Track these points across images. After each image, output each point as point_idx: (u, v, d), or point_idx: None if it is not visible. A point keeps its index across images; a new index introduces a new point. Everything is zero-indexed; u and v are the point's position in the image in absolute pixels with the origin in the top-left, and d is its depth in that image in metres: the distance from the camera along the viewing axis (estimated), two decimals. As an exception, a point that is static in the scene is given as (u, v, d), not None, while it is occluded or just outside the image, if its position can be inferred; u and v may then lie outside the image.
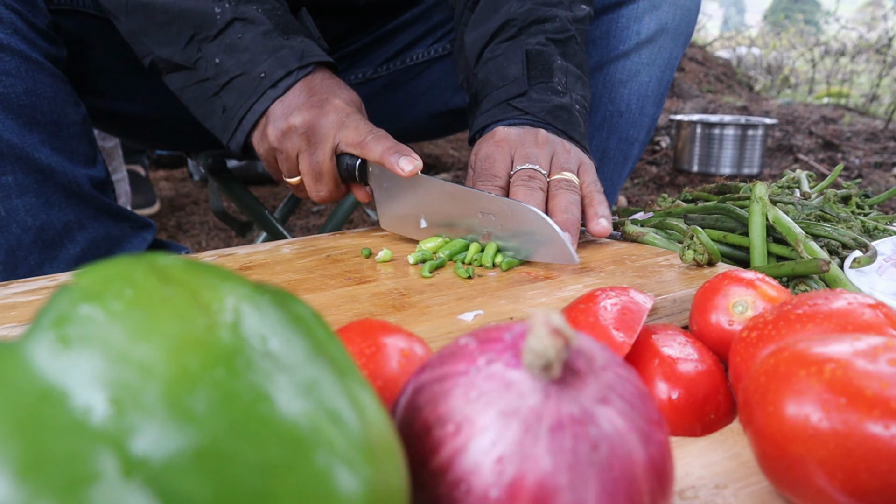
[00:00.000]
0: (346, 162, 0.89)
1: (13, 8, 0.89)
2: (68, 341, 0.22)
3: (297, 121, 0.87)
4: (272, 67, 0.89)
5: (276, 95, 0.89)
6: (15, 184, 0.91)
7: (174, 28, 0.91)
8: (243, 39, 0.89)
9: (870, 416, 0.31)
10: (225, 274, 0.26)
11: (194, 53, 0.91)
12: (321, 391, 0.24)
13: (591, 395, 0.28)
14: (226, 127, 0.92)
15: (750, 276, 0.51)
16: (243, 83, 0.89)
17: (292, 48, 0.90)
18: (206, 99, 0.92)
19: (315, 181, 0.90)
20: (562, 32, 0.98)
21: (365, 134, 0.86)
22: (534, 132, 0.89)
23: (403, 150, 0.84)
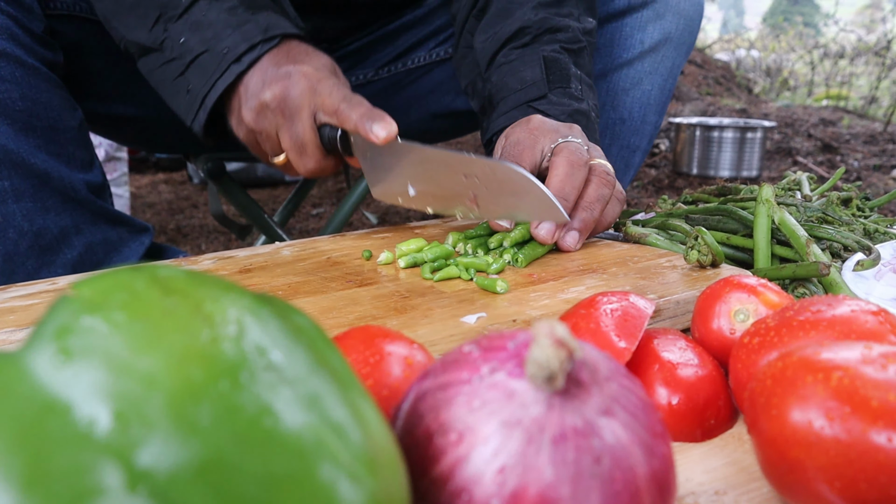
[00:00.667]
0: (326, 133, 0.86)
1: (9, 14, 0.88)
2: (70, 353, 0.22)
3: (267, 96, 0.85)
4: (236, 42, 0.86)
5: (239, 70, 0.86)
6: (11, 189, 0.90)
7: (141, 9, 0.89)
8: (207, 16, 0.87)
9: (874, 426, 0.31)
10: (226, 285, 0.26)
11: (160, 34, 0.89)
12: (324, 403, 0.24)
13: (595, 407, 0.28)
14: (190, 107, 0.90)
15: (752, 281, 0.51)
16: (206, 60, 0.87)
17: (257, 22, 0.87)
18: (173, 80, 0.90)
19: (299, 155, 0.88)
20: (574, 43, 0.99)
21: (339, 101, 0.83)
22: (569, 126, 0.88)
23: (377, 116, 0.81)
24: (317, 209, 2.67)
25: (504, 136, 0.89)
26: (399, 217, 2.50)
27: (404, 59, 1.32)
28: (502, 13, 1.01)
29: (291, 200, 1.62)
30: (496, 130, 0.95)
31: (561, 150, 0.82)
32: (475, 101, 1.05)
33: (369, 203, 2.65)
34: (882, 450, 0.31)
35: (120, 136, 1.33)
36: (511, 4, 1.00)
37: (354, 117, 0.81)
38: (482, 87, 1.02)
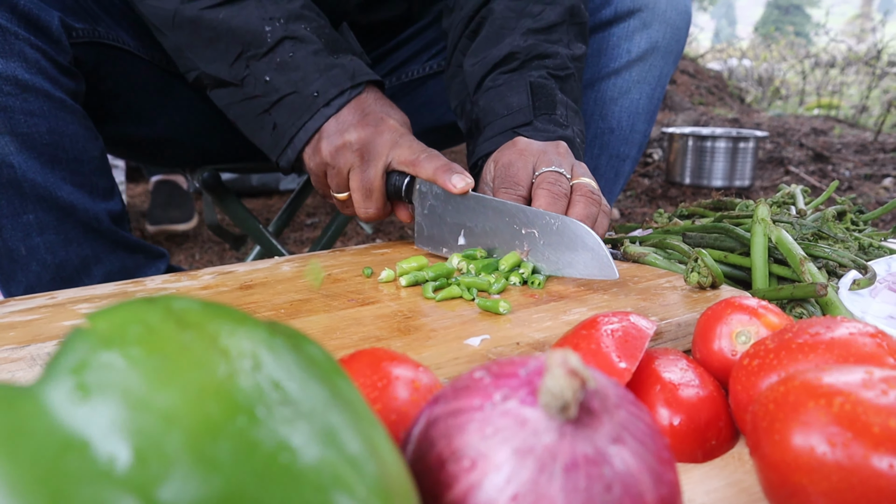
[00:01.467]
0: (394, 179, 0.90)
1: (38, 47, 0.88)
2: (88, 389, 0.22)
3: (353, 137, 0.89)
4: (325, 86, 0.90)
5: (329, 114, 0.90)
6: (36, 222, 0.91)
7: (221, 45, 0.91)
8: (294, 58, 0.90)
9: (876, 452, 0.31)
10: (240, 316, 0.27)
11: (242, 70, 0.92)
12: (340, 437, 0.25)
13: (606, 435, 0.28)
14: (276, 144, 0.93)
15: (752, 303, 0.51)
16: (295, 101, 0.90)
17: (343, 67, 0.91)
18: (255, 116, 0.93)
19: (365, 198, 0.91)
20: (562, 69, 1.00)
21: (418, 153, 0.88)
22: (555, 144, 0.90)
23: (456, 168, 0.85)
24: (311, 219, 2.67)
25: (493, 161, 0.91)
26: (394, 227, 2.51)
27: (398, 72, 1.33)
28: (493, 37, 1.02)
29: (286, 210, 1.62)
30: (481, 155, 0.97)
31: (542, 182, 0.84)
32: (463, 122, 1.07)
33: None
34: (884, 475, 0.31)
35: (132, 156, 1.34)
36: (502, 29, 1.01)
37: (432, 167, 0.86)
38: (470, 109, 1.03)
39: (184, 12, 0.92)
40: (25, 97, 0.88)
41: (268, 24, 0.90)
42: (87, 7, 1.00)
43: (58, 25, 0.92)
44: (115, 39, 1.05)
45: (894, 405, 0.33)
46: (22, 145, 0.88)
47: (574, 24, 1.03)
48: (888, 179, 3.28)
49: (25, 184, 0.89)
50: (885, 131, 4.57)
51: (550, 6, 1.01)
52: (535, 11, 1.01)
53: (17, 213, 0.90)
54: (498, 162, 0.89)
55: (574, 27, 1.03)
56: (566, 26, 1.02)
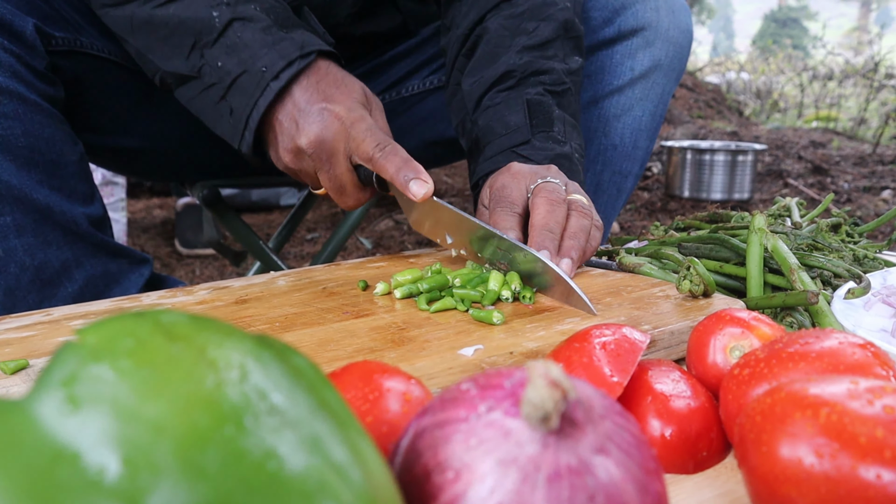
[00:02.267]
0: (363, 171, 0.89)
1: (11, 51, 0.90)
2: (78, 401, 0.23)
3: (303, 142, 0.88)
4: (273, 60, 0.88)
5: (278, 87, 0.88)
6: (13, 224, 0.91)
7: (175, 39, 0.91)
8: (242, 37, 0.89)
9: (863, 462, 0.32)
10: (228, 329, 0.27)
11: (197, 61, 0.91)
12: (325, 445, 0.25)
13: (589, 445, 0.28)
14: (235, 129, 0.92)
15: (744, 315, 0.51)
16: (246, 81, 0.89)
17: (292, 40, 0.90)
18: (214, 105, 0.93)
19: (339, 194, 0.91)
20: (558, 85, 1.00)
21: (372, 149, 0.86)
22: (546, 167, 0.91)
23: (414, 170, 0.83)
24: (311, 234, 2.68)
25: (488, 186, 0.91)
26: (394, 242, 2.51)
27: (398, 87, 1.34)
28: (489, 56, 1.03)
29: (286, 226, 1.63)
30: (482, 174, 0.98)
31: (540, 191, 0.85)
32: (464, 140, 1.07)
33: (363, 228, 2.66)
34: (871, 486, 0.31)
35: (118, 167, 1.34)
36: (497, 48, 1.02)
37: (391, 169, 0.84)
38: (470, 128, 1.04)
39: (139, 15, 0.92)
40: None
41: (215, 10, 0.90)
42: (69, 17, 1.02)
43: (32, 31, 0.92)
44: (98, 49, 1.05)
45: (880, 415, 0.33)
46: None
47: (569, 39, 1.04)
48: (887, 192, 3.29)
49: (1, 186, 0.89)
50: (883, 143, 4.58)
51: (544, 22, 1.02)
52: (529, 28, 1.02)
53: None
54: (493, 186, 0.90)
55: (569, 41, 1.04)
56: (561, 41, 1.03)
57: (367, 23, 1.24)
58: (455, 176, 3.43)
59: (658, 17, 1.16)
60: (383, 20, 1.27)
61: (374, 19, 1.25)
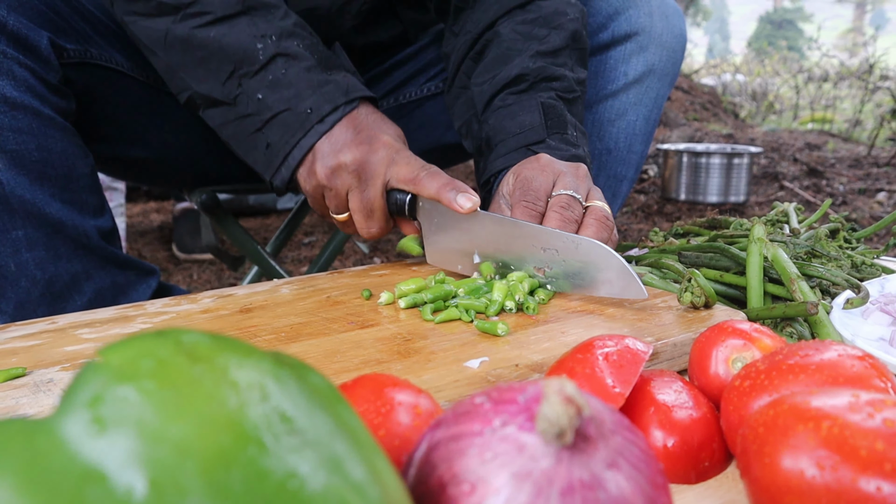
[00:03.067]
0: (395, 197, 0.90)
1: (27, 66, 0.90)
2: (104, 422, 0.23)
3: (348, 158, 0.88)
4: (318, 103, 0.90)
5: (323, 131, 0.90)
6: (25, 238, 0.92)
7: (213, 64, 0.92)
8: (287, 75, 0.90)
9: (863, 474, 0.32)
10: (247, 349, 0.28)
11: (234, 89, 0.92)
12: (344, 464, 0.26)
13: (601, 460, 0.29)
14: (270, 163, 0.93)
15: (746, 327, 0.52)
16: (288, 119, 0.90)
17: (337, 83, 0.91)
18: (248, 135, 0.93)
19: (366, 218, 0.91)
20: (569, 92, 1.01)
21: (418, 170, 0.87)
22: (576, 166, 0.90)
23: (460, 187, 0.85)
24: (308, 238, 2.68)
25: (513, 174, 0.90)
26: (391, 245, 2.52)
27: (396, 94, 1.34)
28: (501, 59, 1.03)
29: (284, 230, 1.63)
30: (494, 171, 0.98)
31: (555, 204, 0.85)
32: (469, 141, 1.08)
33: (361, 231, 2.66)
34: (872, 498, 0.32)
35: (125, 176, 1.35)
36: (510, 51, 1.03)
37: (435, 185, 0.85)
38: (478, 128, 1.04)
39: (175, 31, 0.92)
40: (14, 115, 0.89)
41: (259, 42, 0.90)
42: (80, 28, 1.02)
43: (47, 45, 0.93)
44: (108, 60, 1.06)
45: (880, 428, 0.34)
46: (10, 162, 0.89)
47: (576, 50, 1.05)
48: (882, 194, 3.31)
49: (14, 200, 0.90)
50: (878, 145, 4.60)
51: (555, 31, 1.03)
52: (540, 35, 1.03)
53: (6, 230, 0.90)
54: (519, 175, 0.89)
55: (576, 52, 1.05)
56: (569, 51, 1.04)
57: (368, 33, 1.25)
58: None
59: (652, 23, 1.17)
60: (384, 30, 1.28)
61: (375, 30, 1.25)
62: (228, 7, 0.91)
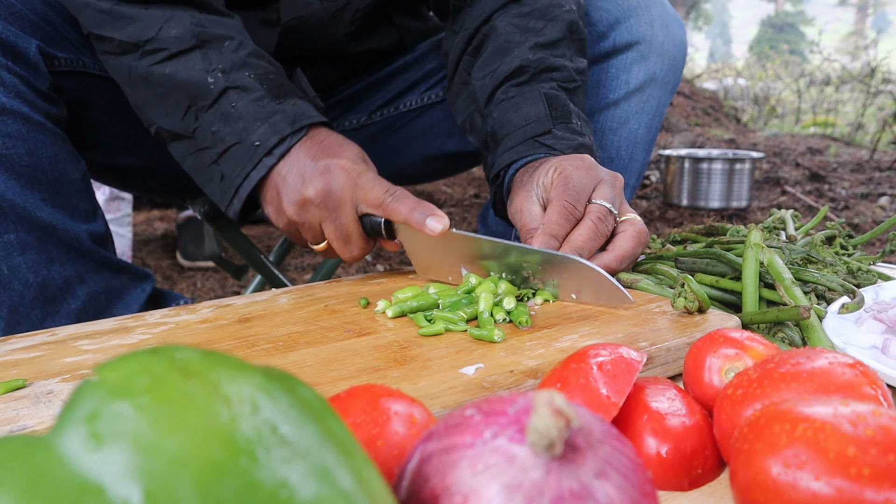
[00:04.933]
0: (370, 221, 0.90)
1: (15, 72, 0.91)
2: (101, 437, 0.24)
3: (310, 192, 0.89)
4: (265, 135, 0.91)
5: (271, 163, 0.91)
6: (17, 242, 0.93)
7: (172, 99, 0.93)
8: (237, 108, 0.91)
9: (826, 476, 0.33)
10: (239, 364, 0.28)
11: (192, 123, 0.93)
12: (333, 474, 0.26)
13: (590, 470, 0.30)
14: (224, 194, 0.94)
15: (738, 335, 0.53)
16: (239, 152, 0.91)
17: (284, 113, 0.92)
18: (206, 167, 0.95)
19: (344, 244, 0.92)
20: (570, 82, 1.02)
21: (383, 195, 0.88)
22: (615, 175, 0.91)
23: (427, 209, 0.85)
24: (311, 245, 2.69)
25: (554, 168, 0.90)
26: (394, 254, 2.53)
27: (396, 102, 1.35)
28: (500, 51, 1.04)
29: (287, 239, 1.64)
30: (503, 166, 0.98)
31: (591, 213, 0.86)
32: (474, 136, 1.09)
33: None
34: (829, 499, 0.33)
35: (121, 185, 1.36)
36: (508, 44, 1.04)
37: (404, 211, 0.86)
38: (482, 123, 1.05)
39: (137, 70, 0.94)
40: (3, 119, 0.90)
41: (210, 76, 0.92)
42: (72, 38, 1.03)
43: (35, 52, 0.95)
44: (100, 69, 1.07)
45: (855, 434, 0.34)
46: (0, 167, 0.90)
47: (574, 41, 1.06)
48: (884, 198, 3.31)
49: (5, 204, 0.91)
50: (880, 149, 4.60)
51: (551, 23, 1.05)
52: (537, 27, 1.05)
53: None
54: (562, 171, 0.89)
55: (574, 43, 1.06)
56: (568, 42, 1.05)
57: (363, 41, 1.26)
58: (455, 186, 3.45)
59: (653, 32, 1.17)
60: (380, 38, 1.29)
61: (370, 37, 1.27)
62: (182, 42, 0.93)
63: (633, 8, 1.17)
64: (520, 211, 0.90)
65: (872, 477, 0.32)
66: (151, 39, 0.93)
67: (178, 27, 0.93)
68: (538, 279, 0.82)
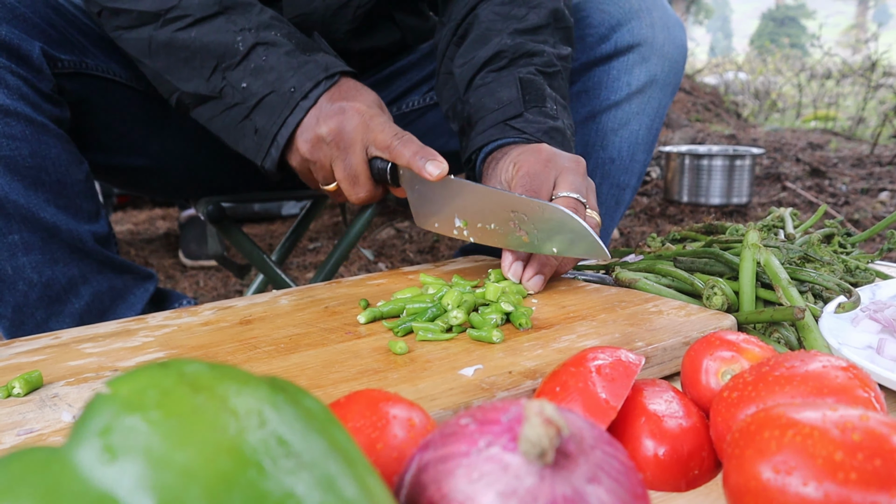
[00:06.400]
0: (377, 166, 0.93)
1: (19, 74, 0.92)
2: (115, 450, 0.25)
3: (323, 130, 0.92)
4: (300, 81, 0.93)
5: (307, 106, 0.93)
6: (21, 242, 0.94)
7: (196, 62, 0.96)
8: (268, 61, 0.94)
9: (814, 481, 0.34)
10: (245, 377, 0.29)
11: (219, 82, 0.96)
12: (338, 483, 0.27)
13: (582, 475, 0.31)
14: (259, 146, 0.97)
15: (734, 338, 0.54)
16: (273, 101, 0.94)
17: (316, 62, 0.95)
18: (237, 124, 0.97)
19: (352, 185, 0.95)
20: (549, 66, 1.04)
21: (391, 137, 0.90)
22: (576, 159, 0.92)
23: (429, 154, 0.88)
24: (314, 243, 2.70)
25: (513, 164, 0.92)
26: (395, 251, 2.53)
27: (398, 103, 1.36)
28: (480, 39, 1.06)
29: (289, 237, 1.65)
30: (475, 148, 1.00)
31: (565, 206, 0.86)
32: (455, 123, 1.11)
33: (365, 237, 2.69)
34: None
35: (124, 185, 1.37)
36: (489, 32, 1.06)
37: (407, 154, 0.88)
38: (461, 108, 1.07)
39: (158, 37, 0.96)
40: (7, 121, 0.91)
41: (238, 35, 0.95)
42: (75, 40, 1.05)
43: (39, 55, 0.96)
44: (104, 71, 1.08)
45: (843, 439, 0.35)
46: (5, 168, 0.92)
47: (559, 29, 1.08)
48: (884, 193, 3.31)
49: (9, 205, 0.92)
50: (881, 143, 4.60)
51: (534, 10, 1.06)
52: (519, 14, 1.06)
53: (2, 234, 0.93)
54: (520, 168, 0.90)
55: (559, 31, 1.08)
56: (551, 29, 1.07)
57: (365, 38, 1.27)
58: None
59: (653, 34, 1.18)
60: (382, 35, 1.30)
61: (372, 35, 1.27)
62: (206, 8, 0.95)
63: (635, 10, 1.18)
64: None
65: (860, 481, 0.33)
66: (173, 8, 0.95)
67: None
68: (523, 230, 0.84)
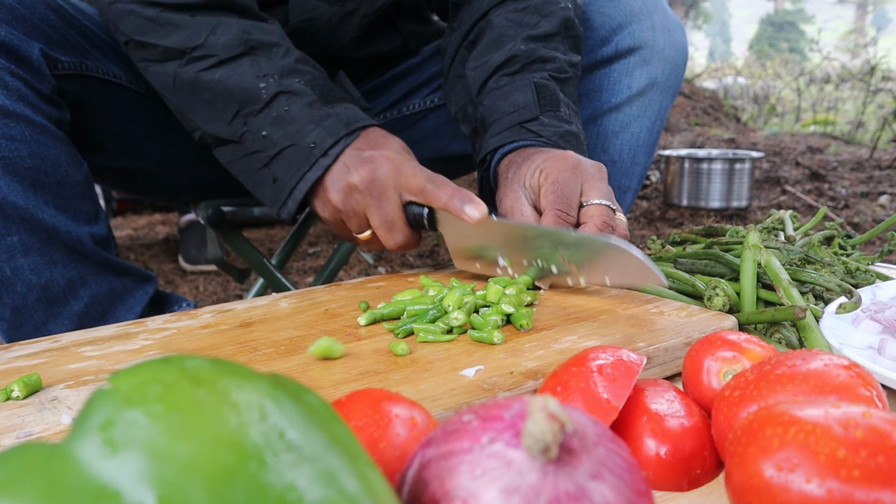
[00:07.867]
0: (413, 211, 0.92)
1: (18, 75, 0.92)
2: (116, 444, 0.25)
3: (356, 179, 0.91)
4: (321, 137, 0.92)
5: (327, 164, 0.92)
6: (20, 244, 0.94)
7: (219, 104, 0.95)
8: (290, 111, 0.93)
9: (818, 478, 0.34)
10: (247, 372, 0.29)
11: (240, 127, 0.95)
12: (339, 477, 0.27)
13: (585, 472, 0.31)
14: (277, 197, 0.96)
15: (736, 338, 0.54)
16: (293, 154, 0.93)
17: (338, 116, 0.94)
18: (256, 171, 0.97)
19: (389, 231, 0.93)
20: (561, 73, 1.04)
21: (424, 181, 0.89)
22: (598, 166, 0.92)
23: (466, 197, 0.87)
24: (314, 248, 2.70)
25: (539, 171, 0.91)
26: (395, 255, 2.53)
27: (400, 105, 1.36)
28: (494, 44, 1.06)
29: (289, 242, 1.65)
30: (489, 150, 1.00)
31: (596, 214, 0.87)
32: (466, 125, 1.11)
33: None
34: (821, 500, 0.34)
35: (124, 187, 1.37)
36: (502, 37, 1.06)
37: (444, 197, 0.87)
38: (473, 111, 1.07)
39: (182, 76, 0.96)
40: (6, 122, 0.91)
41: (262, 81, 0.94)
42: (74, 41, 1.05)
43: (38, 56, 0.96)
44: (104, 73, 1.08)
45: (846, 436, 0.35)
46: (4, 169, 0.91)
47: (569, 37, 1.08)
48: (884, 197, 3.31)
49: (8, 206, 0.92)
50: (880, 147, 4.60)
51: (546, 18, 1.07)
52: (532, 22, 1.07)
53: (1, 235, 0.93)
54: (548, 175, 0.89)
55: (569, 39, 1.08)
56: (562, 37, 1.07)
57: (369, 46, 1.27)
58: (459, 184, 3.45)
59: (654, 37, 1.19)
60: (385, 42, 1.30)
61: (375, 42, 1.28)
62: (231, 49, 0.94)
63: (636, 13, 1.18)
64: (511, 211, 0.91)
65: (862, 478, 0.33)
66: (199, 46, 0.95)
67: (225, 34, 0.95)
68: (573, 263, 0.83)
